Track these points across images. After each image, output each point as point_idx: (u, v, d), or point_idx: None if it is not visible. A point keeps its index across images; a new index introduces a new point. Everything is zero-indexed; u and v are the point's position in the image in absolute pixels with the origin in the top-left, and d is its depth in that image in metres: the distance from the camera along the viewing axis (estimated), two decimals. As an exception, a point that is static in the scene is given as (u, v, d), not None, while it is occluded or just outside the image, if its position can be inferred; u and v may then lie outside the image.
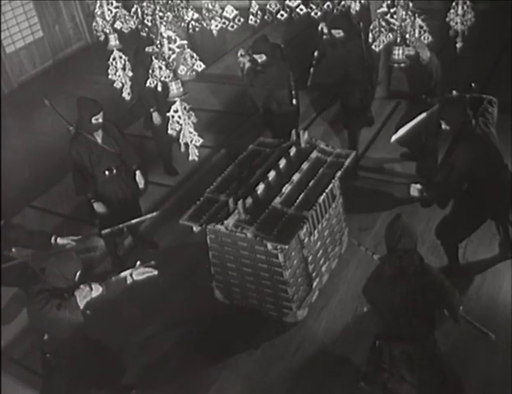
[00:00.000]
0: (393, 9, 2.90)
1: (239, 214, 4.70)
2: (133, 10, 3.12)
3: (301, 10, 2.94)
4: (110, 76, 3.45)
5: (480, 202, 4.69)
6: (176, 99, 2.91)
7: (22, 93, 10.34)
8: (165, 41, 2.85)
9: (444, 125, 4.70)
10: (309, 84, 6.84)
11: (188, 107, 2.95)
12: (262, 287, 5.02)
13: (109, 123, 5.50)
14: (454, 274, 5.06)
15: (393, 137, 5.63)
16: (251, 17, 2.99)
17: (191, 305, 5.40)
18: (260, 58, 6.06)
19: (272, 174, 5.13)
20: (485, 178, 4.57)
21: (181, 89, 2.90)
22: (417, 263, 3.65)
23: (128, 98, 3.55)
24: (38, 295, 3.85)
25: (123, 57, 3.44)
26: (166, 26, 2.86)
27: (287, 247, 4.61)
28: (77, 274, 3.97)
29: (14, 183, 7.33)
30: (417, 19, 2.93)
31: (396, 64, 3.02)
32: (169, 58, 2.88)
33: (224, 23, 2.96)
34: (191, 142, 2.98)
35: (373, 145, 7.24)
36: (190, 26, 3.00)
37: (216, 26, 2.98)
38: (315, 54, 6.72)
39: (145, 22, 2.98)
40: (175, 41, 2.85)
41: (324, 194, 4.96)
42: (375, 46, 3.02)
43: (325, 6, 3.03)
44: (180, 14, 2.92)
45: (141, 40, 5.16)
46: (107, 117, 5.46)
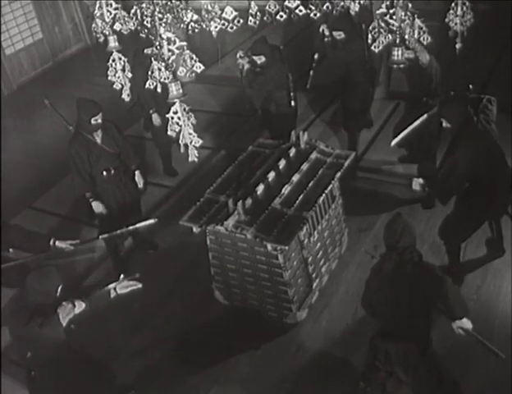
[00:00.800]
0: (392, 10, 2.90)
1: (238, 215, 4.70)
2: (132, 11, 3.11)
3: (300, 11, 2.94)
4: (109, 78, 3.45)
5: (481, 200, 4.70)
6: (176, 101, 2.92)
7: (22, 94, 10.34)
8: (164, 42, 2.86)
9: (445, 123, 4.72)
10: (309, 86, 6.83)
11: (187, 108, 2.95)
12: (262, 288, 5.02)
13: (109, 124, 5.51)
14: (454, 274, 5.08)
15: (393, 141, 5.62)
16: (250, 18, 2.99)
17: (191, 306, 5.40)
18: (259, 60, 6.06)
19: (272, 175, 5.14)
20: (487, 174, 4.58)
21: (181, 91, 2.91)
22: (416, 261, 3.67)
23: (127, 100, 3.55)
24: (19, 313, 3.76)
25: (122, 59, 3.44)
26: (165, 28, 2.86)
27: (287, 248, 4.61)
28: (58, 290, 3.87)
29: (13, 184, 7.33)
30: (416, 20, 2.94)
31: (396, 65, 3.02)
32: (168, 60, 2.88)
33: (223, 24, 2.96)
34: (191, 143, 2.99)
35: (372, 146, 7.25)
36: (190, 28, 3.00)
37: (215, 27, 2.99)
38: (315, 57, 6.72)
39: (145, 23, 2.98)
40: (174, 42, 2.85)
41: (324, 194, 4.96)
42: (374, 47, 3.02)
43: (324, 7, 3.04)
44: (179, 15, 2.92)
45: (140, 42, 5.18)
46: (107, 118, 5.47)
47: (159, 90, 3.06)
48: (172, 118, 2.93)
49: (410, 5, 2.89)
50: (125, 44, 3.49)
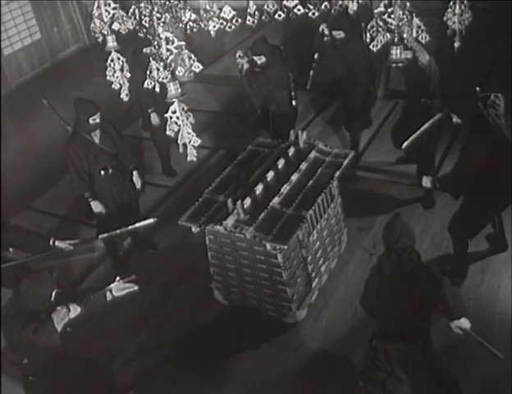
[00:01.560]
0: (390, 9, 2.90)
1: (238, 215, 4.70)
2: (131, 11, 3.11)
3: (299, 10, 2.94)
4: (108, 78, 3.45)
5: (490, 196, 4.70)
6: (174, 100, 2.92)
7: (20, 95, 10.33)
8: (163, 42, 2.86)
9: (455, 118, 4.72)
10: (309, 86, 6.82)
11: (186, 107, 2.95)
12: (261, 288, 5.02)
13: (107, 123, 5.51)
14: (459, 272, 5.10)
15: (404, 144, 5.53)
16: (249, 18, 2.99)
17: (190, 306, 5.40)
18: (260, 60, 6.06)
19: (271, 174, 5.13)
20: (498, 168, 4.58)
21: (179, 90, 2.91)
22: (415, 261, 3.68)
23: (126, 100, 3.55)
24: (14, 319, 3.73)
25: (121, 59, 3.43)
26: (163, 27, 2.86)
27: (286, 247, 4.61)
28: (53, 294, 3.83)
29: (12, 184, 7.32)
30: (414, 18, 2.94)
31: (394, 64, 3.03)
32: (167, 59, 2.88)
33: (222, 24, 2.96)
34: (189, 143, 2.99)
35: (371, 146, 7.25)
36: (188, 27, 3.00)
37: (213, 27, 2.98)
38: (315, 56, 6.71)
39: (143, 23, 2.98)
40: (172, 42, 2.85)
41: (323, 194, 4.96)
42: (373, 46, 3.02)
43: (322, 6, 3.03)
44: (177, 15, 2.92)
45: (139, 41, 5.19)
46: (106, 118, 5.47)
47: (158, 90, 3.06)
48: (171, 118, 2.93)
49: (408, 4, 2.89)
50: (123, 44, 3.49)
